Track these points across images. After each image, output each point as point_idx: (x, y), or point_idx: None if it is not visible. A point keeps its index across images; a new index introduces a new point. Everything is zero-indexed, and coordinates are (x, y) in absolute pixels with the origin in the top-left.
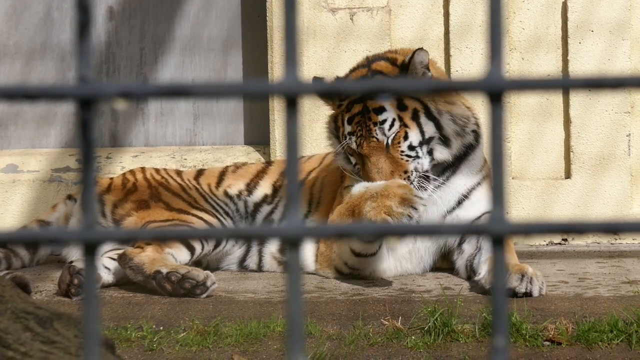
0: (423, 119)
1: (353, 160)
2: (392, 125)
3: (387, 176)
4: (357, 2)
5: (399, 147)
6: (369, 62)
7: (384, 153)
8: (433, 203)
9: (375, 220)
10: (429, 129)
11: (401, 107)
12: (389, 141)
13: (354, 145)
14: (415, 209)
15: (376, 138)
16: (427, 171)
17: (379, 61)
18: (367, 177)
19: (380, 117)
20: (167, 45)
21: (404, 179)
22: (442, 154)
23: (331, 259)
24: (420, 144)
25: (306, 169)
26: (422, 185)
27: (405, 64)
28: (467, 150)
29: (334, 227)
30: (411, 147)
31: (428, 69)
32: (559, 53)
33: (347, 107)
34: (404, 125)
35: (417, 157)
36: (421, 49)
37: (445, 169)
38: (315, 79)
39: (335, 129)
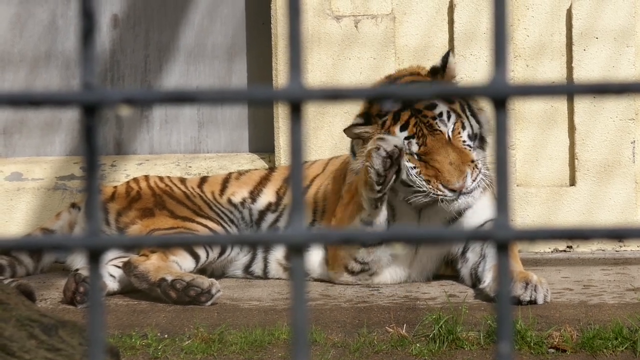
0: (468, 113)
1: (410, 164)
2: (449, 116)
3: (460, 167)
4: (361, 9)
5: (460, 137)
6: (397, 77)
7: (449, 145)
8: (435, 213)
9: (363, 170)
10: (474, 124)
11: (449, 101)
12: (450, 132)
13: (415, 148)
14: (384, 139)
15: (440, 130)
16: None
17: (404, 77)
18: (439, 173)
19: (436, 111)
20: (171, 53)
21: (472, 168)
22: (480, 154)
23: (341, 258)
24: (473, 137)
25: (310, 175)
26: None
27: (437, 68)
28: None
29: (339, 232)
30: (470, 137)
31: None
32: (563, 60)
33: (393, 119)
34: (458, 115)
35: (472, 148)
36: (451, 50)
37: None
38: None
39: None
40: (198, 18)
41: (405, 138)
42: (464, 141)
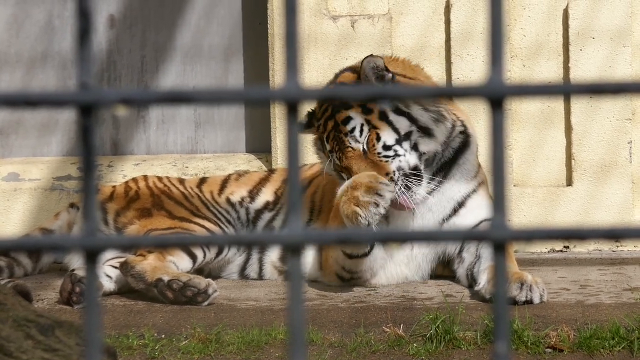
0: (393, 117)
1: (344, 175)
2: (362, 131)
3: None
4: (358, 9)
5: (375, 149)
6: (336, 75)
7: (363, 160)
8: (428, 209)
9: (347, 214)
10: (403, 124)
11: (366, 111)
12: (365, 146)
13: (337, 162)
14: (381, 195)
15: (351, 147)
16: (416, 167)
17: (344, 72)
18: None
19: (349, 127)
20: (168, 53)
21: (389, 180)
22: (428, 145)
23: (331, 265)
24: (398, 142)
25: (308, 177)
26: (408, 184)
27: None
28: (457, 154)
29: (335, 233)
30: (386, 147)
31: (386, 70)
32: (560, 60)
33: (324, 126)
34: (373, 127)
35: (397, 155)
36: (371, 55)
37: (435, 173)
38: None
39: (322, 149)
40: (195, 18)
41: (329, 151)
42: (378, 153)
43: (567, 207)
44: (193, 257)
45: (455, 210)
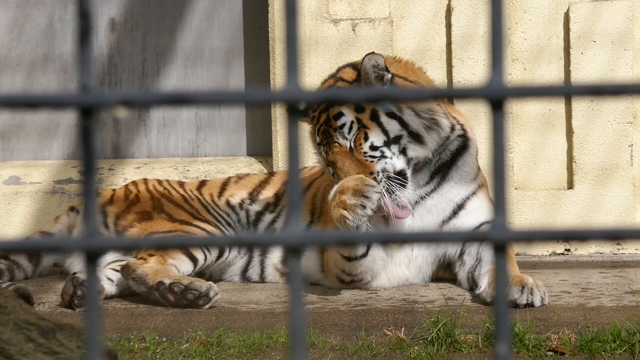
0: (384, 119)
1: (330, 169)
2: (350, 129)
3: None
4: (359, 13)
5: (361, 148)
6: (337, 70)
7: (348, 157)
8: (427, 211)
9: (336, 218)
10: (393, 127)
11: (359, 109)
12: (352, 144)
13: (324, 155)
14: (367, 197)
15: (338, 143)
16: (402, 172)
17: (345, 68)
18: (339, 182)
19: (339, 122)
20: (169, 57)
21: (372, 179)
22: (416, 151)
23: (331, 268)
24: (386, 144)
25: (308, 179)
26: (391, 187)
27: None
28: (456, 156)
29: (334, 234)
30: (373, 148)
31: (386, 70)
32: (561, 64)
33: (317, 118)
34: (362, 126)
35: (384, 157)
36: (372, 53)
37: (433, 175)
38: None
39: (314, 140)
40: (196, 22)
41: (318, 143)
42: (364, 152)
43: (568, 210)
44: (194, 260)
45: (454, 213)
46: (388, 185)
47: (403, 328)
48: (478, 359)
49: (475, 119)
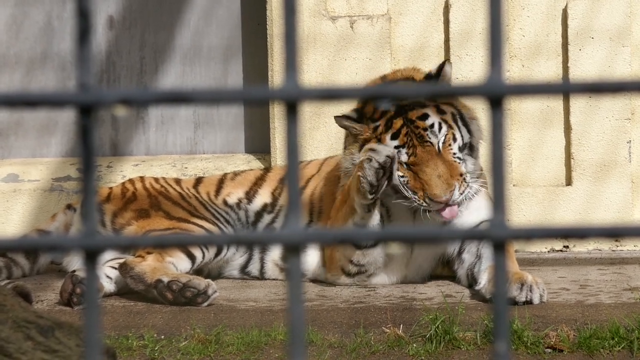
0: (460, 123)
1: (406, 174)
2: (440, 128)
3: (448, 180)
4: (357, 10)
5: (450, 149)
6: (389, 79)
7: (438, 157)
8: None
9: (354, 186)
10: (465, 134)
11: (441, 111)
12: (440, 145)
13: (404, 157)
14: (374, 150)
15: (430, 142)
16: None
17: (397, 83)
18: (427, 186)
19: (428, 122)
20: (167, 54)
21: (460, 182)
22: (470, 164)
23: (337, 260)
24: (462, 148)
25: (305, 176)
26: (470, 191)
27: (432, 75)
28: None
29: (335, 232)
30: (460, 149)
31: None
32: (559, 60)
33: (385, 125)
34: (449, 127)
35: (464, 160)
36: (448, 60)
37: None
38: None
39: (358, 148)
40: (194, 19)
41: (396, 147)
42: (454, 153)
43: (566, 207)
44: (192, 258)
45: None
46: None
47: (401, 325)
48: (476, 356)
49: None
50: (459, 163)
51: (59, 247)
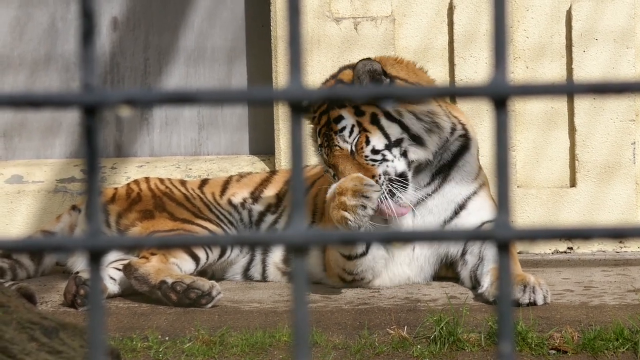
0: (384, 122)
1: (331, 171)
2: (351, 132)
3: None
4: (361, 11)
5: (363, 152)
6: (339, 70)
7: (349, 160)
8: (429, 212)
9: (337, 219)
10: (394, 131)
11: (359, 113)
12: (353, 147)
13: (324, 157)
14: (367, 197)
15: (339, 146)
16: (403, 174)
17: (346, 70)
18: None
19: (339, 125)
20: (171, 56)
21: (370, 179)
22: (417, 153)
23: (332, 267)
24: (388, 147)
25: (311, 178)
26: (392, 189)
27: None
28: (457, 156)
29: (338, 233)
30: (375, 151)
31: (384, 75)
32: (563, 62)
33: (318, 119)
34: (363, 130)
35: (385, 160)
36: (368, 59)
37: (434, 176)
38: None
39: (315, 140)
40: (198, 21)
41: (319, 145)
42: (366, 156)
43: (570, 208)
44: (196, 259)
45: (456, 213)
46: (390, 187)
47: (406, 327)
48: (481, 357)
49: (477, 117)
50: (373, 165)
51: (63, 248)
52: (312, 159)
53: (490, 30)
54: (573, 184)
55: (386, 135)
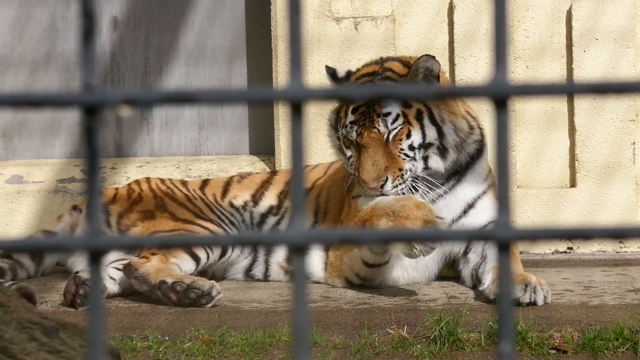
0: (426, 122)
1: (349, 152)
2: (395, 120)
3: (380, 171)
4: (361, 11)
5: (400, 144)
6: (382, 60)
7: (382, 146)
8: (439, 211)
9: (400, 247)
10: (431, 133)
11: (406, 105)
12: (390, 136)
13: (353, 135)
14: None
15: (377, 129)
16: (418, 177)
17: (393, 61)
18: (360, 169)
19: (385, 110)
20: (171, 56)
21: (397, 176)
22: (437, 163)
23: (341, 269)
24: (420, 147)
25: (311, 179)
26: (416, 187)
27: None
28: (472, 160)
29: (340, 233)
30: (411, 147)
31: (437, 77)
32: (563, 61)
33: None
34: (407, 122)
35: (414, 158)
36: (431, 56)
37: (449, 177)
38: (328, 68)
39: (336, 121)
40: (198, 20)
41: (351, 122)
42: (401, 149)
43: (570, 209)
44: (196, 259)
45: (465, 212)
46: (414, 184)
47: (406, 326)
48: (481, 357)
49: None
50: (404, 159)
51: (63, 248)
52: (312, 159)
53: (490, 30)
54: (573, 184)
55: (424, 135)
